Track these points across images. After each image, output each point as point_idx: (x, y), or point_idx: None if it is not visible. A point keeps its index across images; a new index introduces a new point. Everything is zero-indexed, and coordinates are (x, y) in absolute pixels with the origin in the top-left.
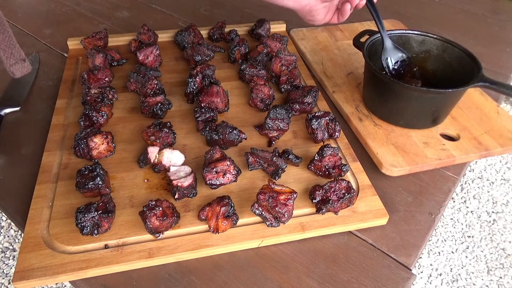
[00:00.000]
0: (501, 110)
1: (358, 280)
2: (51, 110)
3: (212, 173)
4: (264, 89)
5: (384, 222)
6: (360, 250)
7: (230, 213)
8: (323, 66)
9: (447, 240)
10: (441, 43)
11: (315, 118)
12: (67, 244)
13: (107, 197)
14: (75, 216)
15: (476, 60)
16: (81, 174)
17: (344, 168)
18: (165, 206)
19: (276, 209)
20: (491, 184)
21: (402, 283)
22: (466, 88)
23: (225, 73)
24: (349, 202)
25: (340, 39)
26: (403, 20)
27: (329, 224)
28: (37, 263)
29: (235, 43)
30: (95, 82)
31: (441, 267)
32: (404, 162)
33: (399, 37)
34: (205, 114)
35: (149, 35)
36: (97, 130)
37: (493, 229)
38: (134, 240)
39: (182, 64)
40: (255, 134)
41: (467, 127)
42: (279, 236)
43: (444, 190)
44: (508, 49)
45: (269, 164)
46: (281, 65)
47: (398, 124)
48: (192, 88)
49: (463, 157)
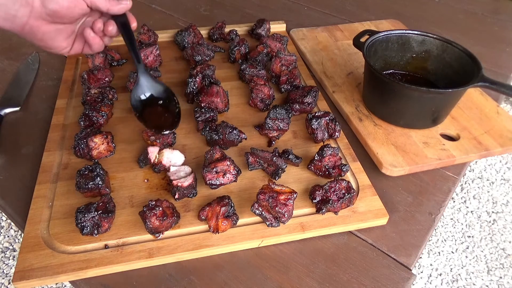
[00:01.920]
0: (501, 110)
1: (358, 280)
2: (51, 110)
3: (212, 173)
4: (264, 89)
5: (384, 222)
6: (360, 250)
7: (230, 213)
8: (323, 66)
9: (447, 240)
10: (441, 43)
11: (315, 118)
12: (67, 244)
13: (107, 197)
14: (75, 216)
15: (476, 60)
16: (81, 174)
17: (344, 168)
18: (165, 206)
19: (276, 209)
20: (491, 184)
21: (402, 283)
22: (466, 88)
23: (225, 73)
24: (349, 202)
25: (340, 39)
26: (403, 20)
27: (329, 224)
28: (37, 263)
29: (235, 43)
30: (95, 82)
31: (441, 267)
32: (404, 162)
33: (399, 37)
34: (205, 114)
35: (149, 35)
36: (97, 130)
37: (493, 229)
38: (134, 240)
39: (182, 64)
40: (255, 134)
41: (467, 127)
42: (279, 236)
43: (444, 190)
44: (508, 49)
45: (269, 164)
46: (281, 65)
47: (398, 124)
48: (192, 88)
49: (463, 157)
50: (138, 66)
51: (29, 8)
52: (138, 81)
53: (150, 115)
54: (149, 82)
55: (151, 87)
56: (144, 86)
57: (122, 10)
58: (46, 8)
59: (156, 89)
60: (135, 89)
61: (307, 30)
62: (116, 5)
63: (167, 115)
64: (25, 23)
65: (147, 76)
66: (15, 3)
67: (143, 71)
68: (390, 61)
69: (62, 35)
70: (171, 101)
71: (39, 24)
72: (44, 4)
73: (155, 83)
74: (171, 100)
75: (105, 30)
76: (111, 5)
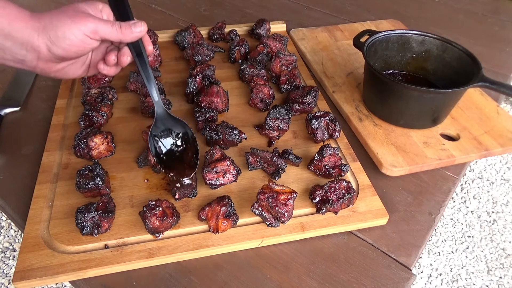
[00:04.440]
0: (501, 110)
1: (358, 280)
2: (51, 110)
3: (212, 173)
4: (264, 89)
5: (384, 222)
6: (360, 250)
7: (230, 213)
8: (323, 66)
9: (447, 240)
10: (441, 43)
11: (315, 118)
12: (67, 244)
13: (107, 197)
14: (75, 216)
15: (476, 60)
16: (81, 174)
17: (344, 168)
18: (165, 206)
19: (276, 209)
20: (491, 184)
21: (402, 283)
22: (466, 88)
23: (225, 73)
24: (349, 202)
25: (340, 39)
26: (403, 20)
27: (329, 224)
28: (37, 263)
29: (235, 43)
30: (95, 82)
31: (441, 267)
32: (404, 162)
33: (399, 37)
34: (205, 114)
35: (149, 35)
36: (97, 130)
37: (493, 229)
38: (134, 240)
39: (182, 64)
40: (255, 134)
41: (467, 127)
42: (279, 236)
43: (444, 190)
44: (508, 49)
45: (269, 164)
46: (281, 65)
47: (398, 124)
48: (192, 88)
49: (463, 157)
50: (156, 104)
51: (36, 53)
52: (155, 122)
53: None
54: (168, 122)
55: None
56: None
57: (136, 38)
58: (53, 54)
59: (174, 126)
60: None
61: (307, 30)
62: (129, 34)
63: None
64: (35, 66)
65: (164, 113)
66: (21, 48)
67: (162, 109)
68: (390, 61)
69: (75, 66)
70: (188, 139)
71: (50, 66)
72: (50, 50)
73: (173, 121)
74: (189, 137)
75: (120, 62)
76: (123, 36)
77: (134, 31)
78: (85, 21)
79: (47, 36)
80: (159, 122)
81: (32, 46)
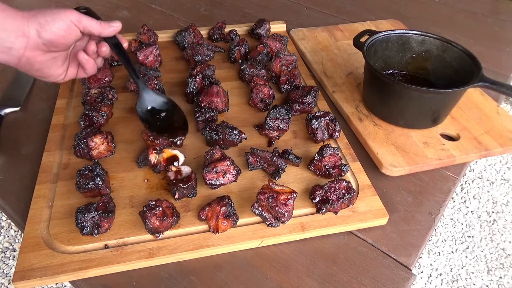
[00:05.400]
0: (501, 110)
1: (358, 280)
2: (51, 110)
3: (212, 173)
4: (264, 89)
5: (384, 222)
6: (360, 250)
7: (230, 213)
8: (323, 66)
9: (447, 240)
10: (441, 43)
11: (315, 118)
12: (67, 244)
13: (107, 197)
14: (75, 216)
15: (476, 60)
16: (81, 174)
17: (344, 168)
18: (165, 206)
19: (276, 209)
20: (491, 184)
21: (402, 283)
22: (466, 88)
23: (225, 73)
24: (349, 202)
25: (340, 39)
26: (403, 20)
27: (329, 224)
28: (37, 263)
29: (235, 43)
30: (95, 82)
31: (441, 267)
32: (404, 162)
33: (399, 37)
34: (205, 114)
35: (149, 35)
36: (97, 130)
37: (493, 229)
38: (134, 240)
39: (182, 64)
40: (255, 134)
41: (467, 127)
42: (279, 236)
43: (444, 190)
44: (508, 49)
45: (269, 164)
46: (281, 65)
47: (398, 124)
48: (192, 88)
49: (463, 157)
50: (138, 82)
51: (25, 39)
52: (141, 97)
53: (159, 125)
54: (151, 96)
55: (153, 100)
56: (147, 100)
57: (113, 32)
58: (42, 38)
59: (158, 102)
60: (139, 103)
61: (307, 30)
62: (107, 28)
63: (175, 122)
64: (21, 55)
65: (148, 90)
66: (11, 35)
67: (143, 86)
68: (390, 61)
69: (57, 62)
70: (176, 111)
71: (35, 54)
72: (39, 34)
73: (157, 96)
74: (176, 110)
75: (99, 51)
76: (103, 29)
77: (111, 25)
78: (71, 12)
79: (37, 21)
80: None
81: (22, 31)
